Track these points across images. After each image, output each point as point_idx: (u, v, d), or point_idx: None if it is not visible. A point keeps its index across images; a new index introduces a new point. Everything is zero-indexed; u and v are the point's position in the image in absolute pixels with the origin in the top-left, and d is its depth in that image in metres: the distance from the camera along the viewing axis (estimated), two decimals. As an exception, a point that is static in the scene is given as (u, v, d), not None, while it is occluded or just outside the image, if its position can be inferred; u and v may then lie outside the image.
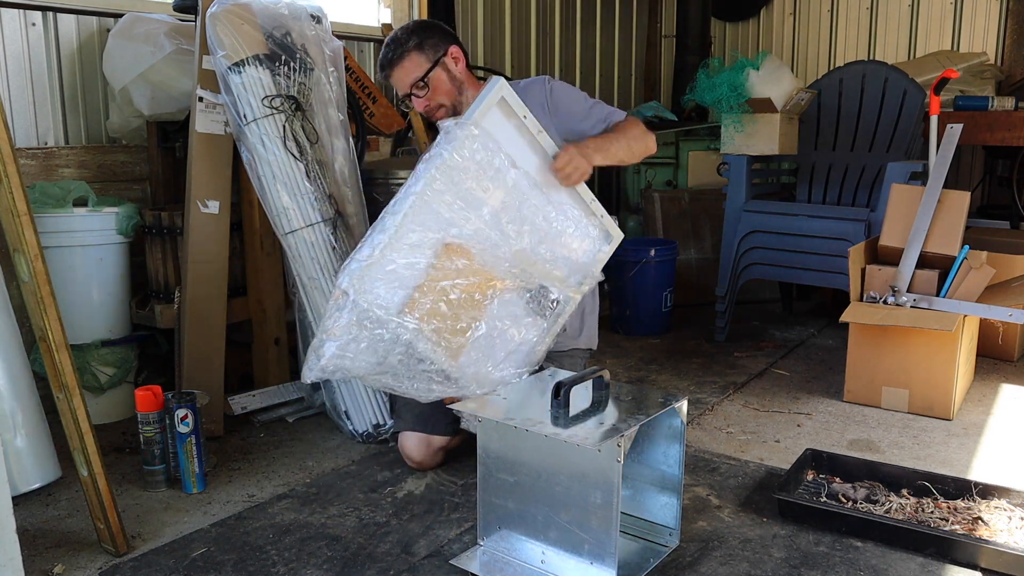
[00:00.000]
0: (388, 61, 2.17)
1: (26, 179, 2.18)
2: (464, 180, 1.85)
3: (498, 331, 1.96)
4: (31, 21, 2.59)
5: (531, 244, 1.97)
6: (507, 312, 1.97)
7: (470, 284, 1.89)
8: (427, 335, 1.82)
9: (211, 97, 2.39)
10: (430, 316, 1.83)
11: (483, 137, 1.87)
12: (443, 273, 1.84)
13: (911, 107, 3.36)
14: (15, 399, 2.02)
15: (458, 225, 1.85)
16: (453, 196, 1.84)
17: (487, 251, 1.90)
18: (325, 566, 1.72)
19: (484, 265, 1.90)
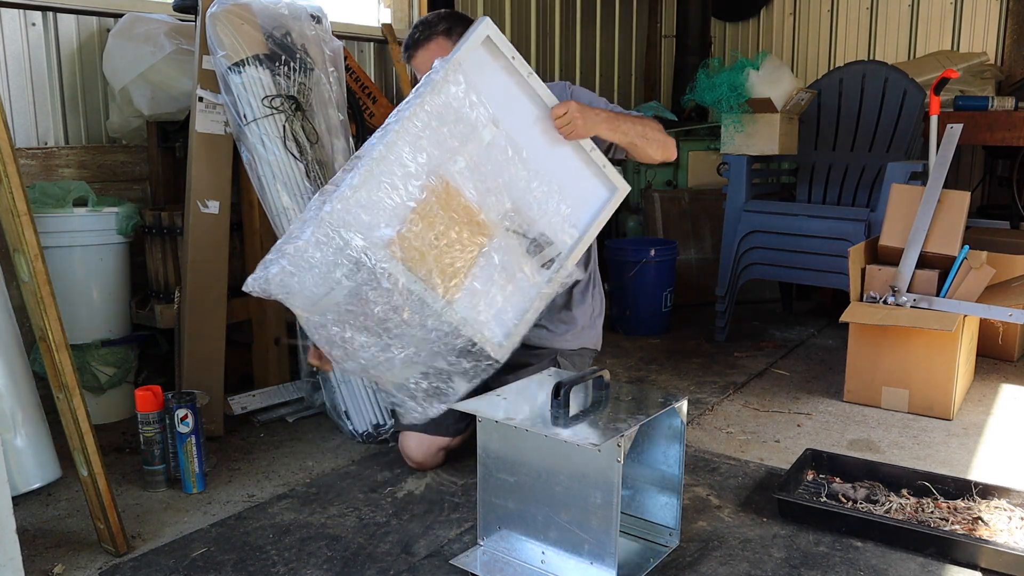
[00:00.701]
0: (414, 41, 2.16)
1: (26, 179, 2.18)
2: (441, 128, 1.81)
3: (497, 270, 1.90)
4: (31, 21, 2.59)
5: (515, 205, 1.92)
6: (506, 256, 1.91)
7: (463, 223, 1.84)
8: (419, 275, 1.77)
9: (211, 97, 2.39)
10: (420, 252, 1.78)
11: (466, 87, 1.82)
12: (432, 210, 1.80)
13: (911, 107, 3.36)
14: (15, 399, 2.02)
15: (446, 162, 1.82)
16: (430, 141, 1.80)
17: (479, 192, 1.87)
18: (325, 566, 1.72)
19: (478, 207, 1.87)
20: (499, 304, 1.93)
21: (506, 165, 1.92)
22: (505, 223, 1.91)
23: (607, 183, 2.06)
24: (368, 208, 1.74)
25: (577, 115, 1.94)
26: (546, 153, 1.97)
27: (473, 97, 1.84)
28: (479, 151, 1.88)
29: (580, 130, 1.95)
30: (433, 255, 1.82)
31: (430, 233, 1.81)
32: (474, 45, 1.83)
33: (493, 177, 1.90)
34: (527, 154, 1.94)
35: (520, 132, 1.94)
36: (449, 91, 1.82)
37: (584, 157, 2.02)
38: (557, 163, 1.99)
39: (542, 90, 1.95)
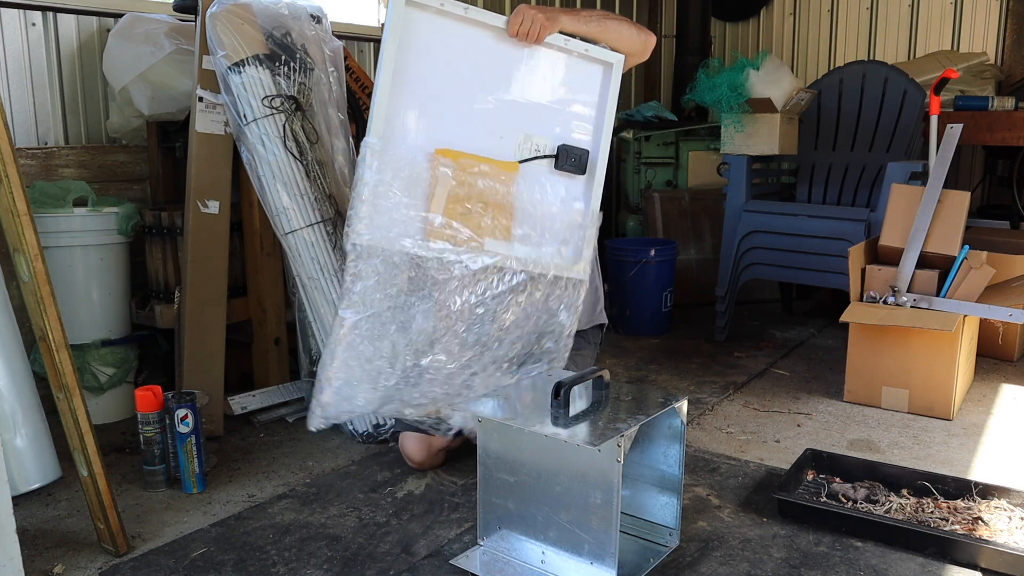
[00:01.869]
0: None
1: (26, 179, 2.18)
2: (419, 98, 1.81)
3: (533, 205, 1.92)
4: (31, 21, 2.59)
5: (525, 134, 1.92)
6: (536, 182, 1.93)
7: (485, 175, 1.85)
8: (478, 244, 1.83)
9: (211, 97, 2.39)
10: (459, 223, 1.81)
11: (417, 54, 1.81)
12: (449, 181, 1.81)
13: (911, 107, 3.36)
14: (15, 399, 2.02)
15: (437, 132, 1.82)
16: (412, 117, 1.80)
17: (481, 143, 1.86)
18: (325, 566, 1.72)
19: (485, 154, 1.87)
20: (555, 231, 1.94)
21: (497, 107, 1.90)
22: (523, 154, 1.91)
23: (598, 63, 2.01)
24: (390, 214, 1.76)
25: (536, 14, 1.89)
26: (527, 69, 1.94)
27: (430, 61, 1.82)
28: (465, 107, 1.86)
29: (545, 27, 1.90)
30: (478, 220, 1.83)
31: (465, 203, 1.82)
32: (398, 14, 1.79)
33: (491, 123, 1.88)
34: (511, 81, 1.91)
35: (493, 65, 1.90)
36: (407, 67, 1.80)
37: (564, 53, 1.97)
38: (541, 70, 1.95)
39: (486, 16, 1.91)
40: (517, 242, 1.91)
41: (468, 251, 1.83)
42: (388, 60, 1.77)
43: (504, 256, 1.87)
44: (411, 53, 1.81)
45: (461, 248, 1.83)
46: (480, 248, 1.85)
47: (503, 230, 1.89)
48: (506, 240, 1.89)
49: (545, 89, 1.96)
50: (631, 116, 4.57)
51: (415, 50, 1.82)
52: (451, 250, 1.81)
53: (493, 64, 1.90)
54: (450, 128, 1.87)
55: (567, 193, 2.00)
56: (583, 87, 2.00)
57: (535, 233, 1.94)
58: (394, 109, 1.79)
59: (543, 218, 1.96)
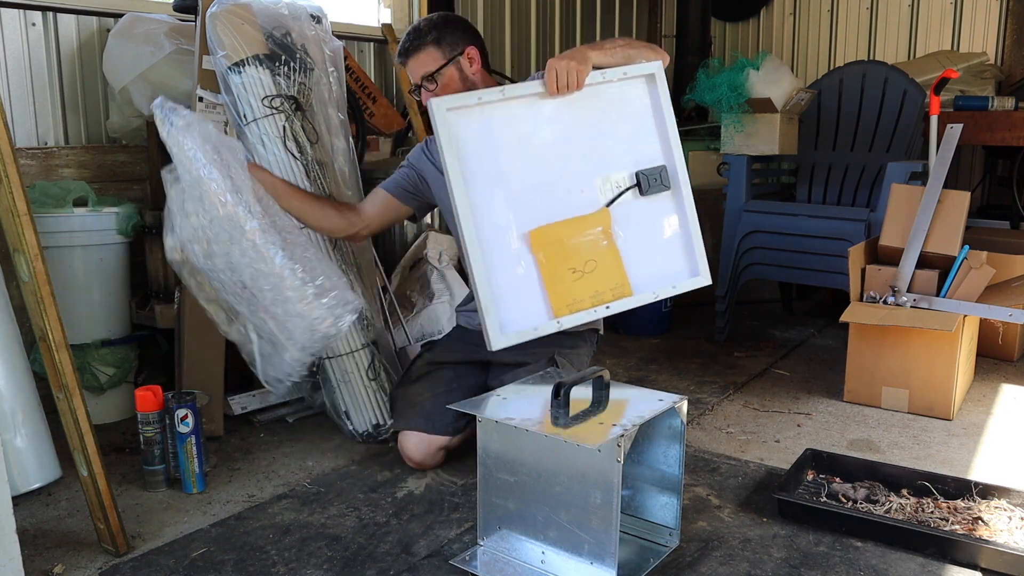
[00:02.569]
0: (405, 50, 2.17)
1: (26, 179, 2.18)
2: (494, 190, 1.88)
3: (637, 237, 1.99)
4: (31, 21, 2.59)
5: (603, 176, 1.97)
6: (631, 216, 1.99)
7: (580, 235, 1.92)
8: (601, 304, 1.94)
9: (211, 97, 2.39)
10: (577, 290, 1.89)
11: (474, 149, 1.87)
12: (552, 257, 1.88)
13: (911, 107, 3.36)
14: (15, 399, 2.02)
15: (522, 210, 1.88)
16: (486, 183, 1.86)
17: (564, 207, 1.92)
18: (325, 566, 1.72)
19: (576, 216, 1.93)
20: (666, 252, 2.04)
21: (566, 164, 1.95)
22: (607, 196, 1.96)
23: (639, 78, 2.02)
24: (509, 297, 1.86)
25: (567, 62, 1.91)
26: (579, 115, 1.97)
27: (490, 151, 1.88)
28: (538, 179, 1.92)
29: (581, 71, 1.92)
30: (587, 282, 1.92)
31: (574, 269, 1.91)
32: (444, 125, 1.84)
33: (566, 182, 1.94)
34: (569, 134, 1.95)
35: (547, 127, 1.94)
36: (471, 167, 1.86)
37: (605, 84, 1.99)
38: (592, 110, 1.98)
39: (523, 88, 1.95)
40: (638, 284, 1.99)
41: (595, 308, 1.95)
42: (452, 168, 1.83)
43: (633, 303, 1.98)
44: (470, 152, 1.86)
45: (588, 310, 1.92)
46: (605, 310, 1.96)
47: (621, 288, 1.96)
48: (628, 297, 1.97)
49: (602, 126, 1.98)
50: (631, 116, 4.55)
51: (472, 148, 1.86)
52: (580, 316, 1.91)
53: (546, 126, 1.94)
54: (532, 206, 1.91)
55: (663, 211, 2.05)
56: (635, 107, 2.02)
57: (650, 262, 2.01)
58: (477, 211, 1.85)
59: (652, 246, 2.02)
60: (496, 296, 1.82)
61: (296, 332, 1.87)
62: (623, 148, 2.00)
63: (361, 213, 2.29)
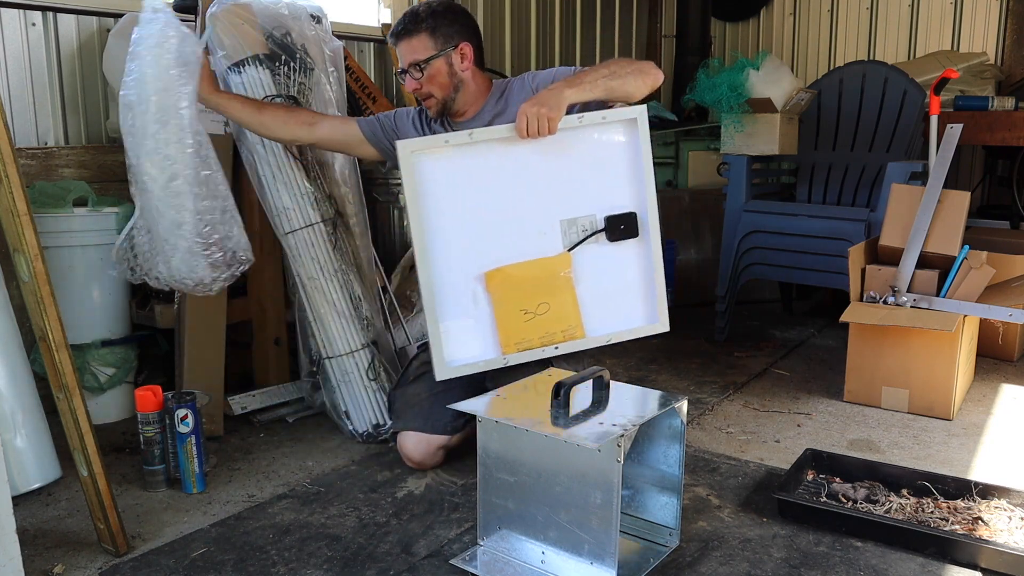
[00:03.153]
0: (398, 32, 2.14)
1: (26, 179, 2.18)
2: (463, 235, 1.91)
3: (598, 284, 2.00)
4: (31, 21, 2.59)
5: (571, 219, 1.98)
6: (595, 261, 2.00)
7: (537, 279, 1.93)
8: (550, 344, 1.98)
9: (211, 97, 2.39)
10: (528, 330, 1.92)
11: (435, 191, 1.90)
12: (505, 295, 1.91)
13: (911, 107, 3.36)
14: (15, 399, 2.02)
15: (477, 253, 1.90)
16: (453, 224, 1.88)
17: (517, 248, 1.94)
18: (325, 566, 1.72)
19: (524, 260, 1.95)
20: (627, 298, 2.03)
21: (532, 205, 1.96)
22: (571, 240, 1.97)
23: (619, 125, 2.00)
24: (459, 331, 1.89)
25: (538, 108, 1.89)
26: (551, 157, 1.97)
27: (453, 192, 1.90)
28: (501, 220, 1.93)
29: (552, 116, 1.90)
30: (538, 323, 1.93)
31: (520, 312, 1.92)
32: (408, 166, 1.86)
33: (530, 223, 1.95)
34: (539, 176, 1.95)
35: (516, 169, 1.94)
36: (433, 207, 1.89)
37: (579, 129, 1.98)
38: (566, 153, 1.97)
39: (492, 132, 1.95)
40: (593, 327, 2.00)
41: (544, 348, 1.98)
42: (412, 206, 1.85)
43: (584, 345, 1.99)
44: (432, 193, 1.88)
45: (536, 349, 1.94)
46: (554, 350, 1.98)
47: (573, 331, 1.97)
48: (579, 339, 1.98)
49: (574, 169, 1.98)
50: (631, 116, 4.56)
51: (435, 189, 1.88)
52: (528, 354, 1.94)
53: (515, 168, 1.94)
54: (492, 245, 1.92)
55: (628, 258, 2.04)
56: (612, 152, 2.01)
57: (608, 308, 2.01)
58: (434, 249, 1.87)
59: (612, 292, 2.02)
60: (446, 329, 1.85)
61: (174, 259, 1.91)
62: (594, 192, 1.99)
63: (313, 126, 2.24)
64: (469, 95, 2.18)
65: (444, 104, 2.16)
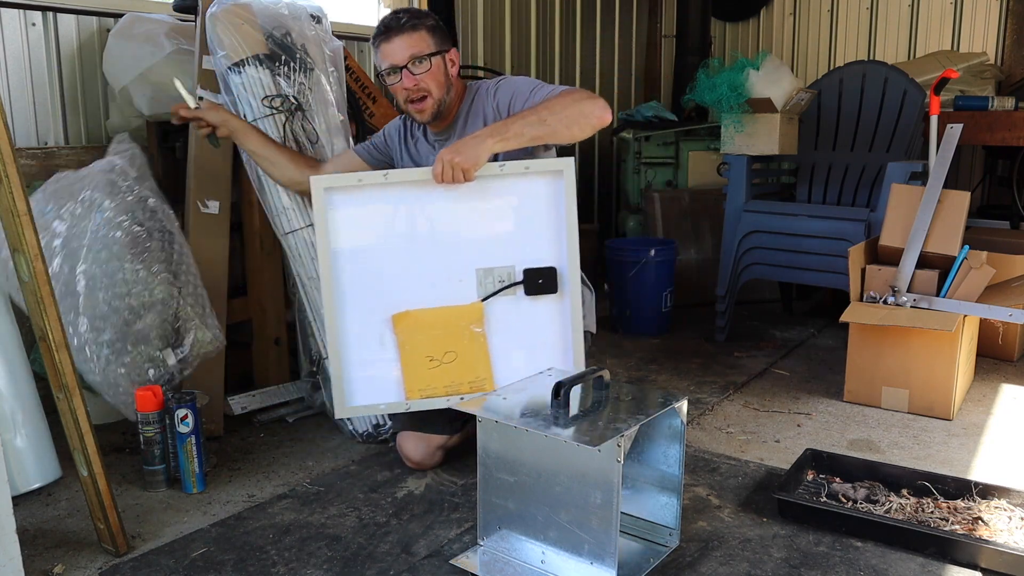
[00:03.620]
0: (397, 25, 2.05)
1: (26, 179, 2.18)
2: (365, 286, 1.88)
3: (510, 337, 1.97)
4: (31, 21, 2.59)
5: (484, 268, 1.95)
6: (509, 314, 1.96)
7: (445, 326, 1.90)
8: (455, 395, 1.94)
9: (211, 97, 2.39)
10: (434, 379, 1.88)
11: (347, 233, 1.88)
12: (412, 340, 1.87)
13: (911, 107, 3.36)
14: (15, 399, 2.02)
15: (386, 294, 1.87)
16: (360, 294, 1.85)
17: (427, 292, 1.91)
18: (325, 566, 1.72)
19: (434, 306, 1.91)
20: (541, 355, 1.98)
21: (448, 251, 1.93)
22: (486, 290, 1.94)
23: (544, 176, 1.95)
24: (363, 371, 1.85)
25: (454, 158, 1.86)
26: (470, 205, 1.92)
27: (365, 232, 1.87)
28: (414, 264, 1.89)
29: (466, 167, 1.86)
30: (444, 371, 1.89)
31: (425, 359, 1.88)
32: (320, 203, 1.81)
33: (445, 270, 1.91)
34: (456, 222, 1.92)
35: (432, 214, 1.91)
36: (345, 246, 1.85)
37: (501, 178, 1.93)
38: (485, 201, 1.93)
39: (408, 175, 1.93)
40: (505, 380, 1.95)
41: (448, 398, 1.93)
42: (322, 243, 1.81)
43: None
44: (345, 232, 1.84)
45: (440, 399, 1.91)
46: (459, 400, 1.92)
47: (482, 383, 1.94)
48: (488, 391, 1.94)
49: (495, 217, 1.93)
50: (631, 116, 4.57)
51: (347, 228, 1.83)
52: (431, 402, 1.90)
53: (433, 212, 1.90)
54: (404, 288, 1.88)
55: (545, 313, 1.99)
56: (535, 203, 1.95)
57: (521, 361, 1.98)
58: (342, 289, 1.82)
59: (526, 346, 1.99)
60: (349, 369, 1.80)
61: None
62: (513, 243, 1.94)
63: (318, 167, 2.28)
64: (454, 101, 2.17)
65: (439, 104, 2.11)
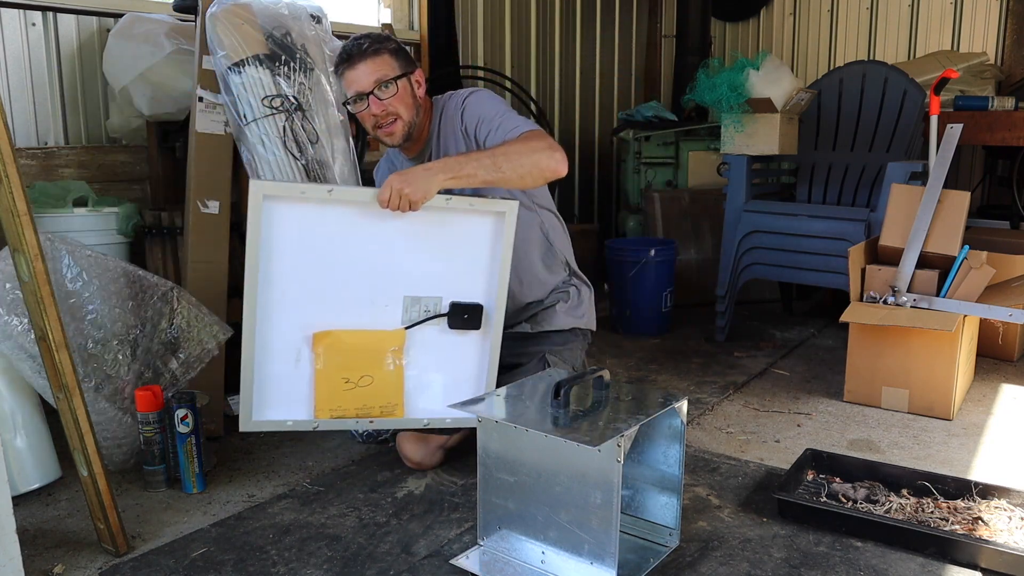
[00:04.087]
0: (359, 51, 2.02)
1: (26, 179, 2.18)
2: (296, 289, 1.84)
3: (427, 368, 1.98)
4: (31, 21, 2.59)
5: (412, 297, 1.95)
6: (430, 345, 1.97)
7: (366, 350, 1.88)
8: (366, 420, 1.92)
9: (211, 97, 2.39)
10: (350, 405, 1.88)
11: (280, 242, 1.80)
12: (331, 361, 1.85)
13: (911, 107, 3.36)
14: (15, 399, 2.02)
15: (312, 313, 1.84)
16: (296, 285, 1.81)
17: (355, 313, 1.88)
18: (325, 566, 1.72)
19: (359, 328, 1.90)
20: (453, 390, 2.00)
21: (379, 275, 1.90)
22: (411, 318, 1.93)
23: (487, 214, 1.96)
24: (274, 385, 1.81)
25: (403, 188, 1.82)
26: (408, 233, 1.90)
27: (300, 245, 1.81)
28: (344, 284, 1.86)
29: (414, 200, 1.84)
30: (357, 394, 1.87)
31: (342, 380, 1.85)
32: (257, 210, 1.74)
33: (373, 293, 1.89)
34: (392, 248, 1.89)
35: (368, 236, 1.87)
36: (277, 257, 1.80)
37: (444, 211, 1.92)
38: (424, 232, 1.91)
39: (352, 193, 1.90)
40: (414, 408, 1.96)
41: (358, 420, 1.91)
42: (252, 249, 1.75)
43: (399, 424, 1.95)
44: (278, 241, 1.78)
45: (350, 420, 1.88)
46: (368, 424, 1.91)
47: (392, 408, 1.92)
48: (396, 417, 1.94)
49: (432, 248, 1.93)
50: (631, 116, 4.57)
51: (281, 238, 1.78)
52: (340, 422, 1.87)
53: (370, 234, 1.87)
54: (329, 307, 1.85)
55: (465, 348, 2.00)
56: (473, 240, 1.96)
57: (434, 392, 1.99)
58: (266, 297, 1.78)
59: (442, 378, 1.99)
60: (261, 381, 1.76)
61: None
62: (445, 275, 1.95)
63: None
64: (423, 122, 2.16)
65: (409, 126, 2.09)
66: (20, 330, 1.94)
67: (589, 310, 2.34)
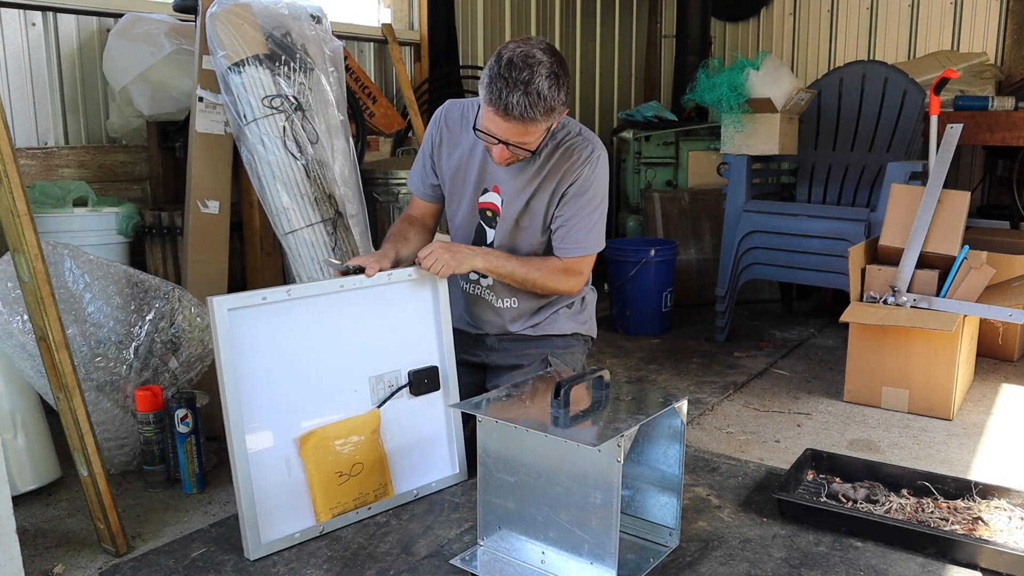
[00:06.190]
0: (518, 113, 1.84)
1: (26, 179, 2.18)
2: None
3: (403, 436, 2.01)
4: (31, 21, 2.59)
5: (376, 376, 1.98)
6: (401, 415, 2.01)
7: (350, 437, 1.91)
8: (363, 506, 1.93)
9: (211, 97, 2.40)
10: (347, 498, 1.90)
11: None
12: (319, 459, 1.85)
13: (911, 107, 3.36)
14: (15, 399, 2.02)
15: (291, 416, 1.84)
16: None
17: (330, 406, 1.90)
18: (325, 566, 1.72)
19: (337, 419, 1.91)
20: (427, 449, 2.05)
21: (343, 363, 1.92)
22: (380, 396, 1.97)
23: (424, 283, 2.06)
24: (273, 504, 1.80)
25: (448, 256, 1.96)
26: (360, 314, 1.94)
27: (268, 350, 1.80)
28: (313, 378, 1.87)
29: (448, 269, 1.99)
30: (353, 484, 1.90)
31: (335, 475, 1.88)
32: (223, 324, 1.71)
33: (341, 381, 1.91)
34: (349, 334, 1.93)
35: (328, 327, 1.89)
36: (248, 365, 1.78)
37: (388, 286, 1.99)
38: (374, 310, 1.97)
39: (315, 288, 1.90)
40: (401, 483, 2.01)
41: (357, 511, 1.93)
42: (225, 366, 1.73)
43: (394, 503, 1.98)
44: (247, 351, 1.77)
45: (351, 513, 1.90)
46: (367, 511, 1.94)
47: (383, 489, 1.97)
48: (390, 497, 1.98)
49: (383, 324, 1.99)
50: (631, 116, 4.57)
51: (249, 348, 1.77)
52: (342, 518, 1.89)
53: (330, 325, 1.90)
54: (307, 406, 1.87)
55: (430, 410, 2.08)
56: (416, 307, 2.06)
57: (414, 461, 2.03)
58: (249, 415, 1.77)
59: (417, 445, 2.04)
60: (260, 505, 1.76)
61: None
62: (401, 346, 2.01)
63: (426, 226, 2.29)
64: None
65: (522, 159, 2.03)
66: (21, 329, 1.94)
67: (592, 317, 2.35)
